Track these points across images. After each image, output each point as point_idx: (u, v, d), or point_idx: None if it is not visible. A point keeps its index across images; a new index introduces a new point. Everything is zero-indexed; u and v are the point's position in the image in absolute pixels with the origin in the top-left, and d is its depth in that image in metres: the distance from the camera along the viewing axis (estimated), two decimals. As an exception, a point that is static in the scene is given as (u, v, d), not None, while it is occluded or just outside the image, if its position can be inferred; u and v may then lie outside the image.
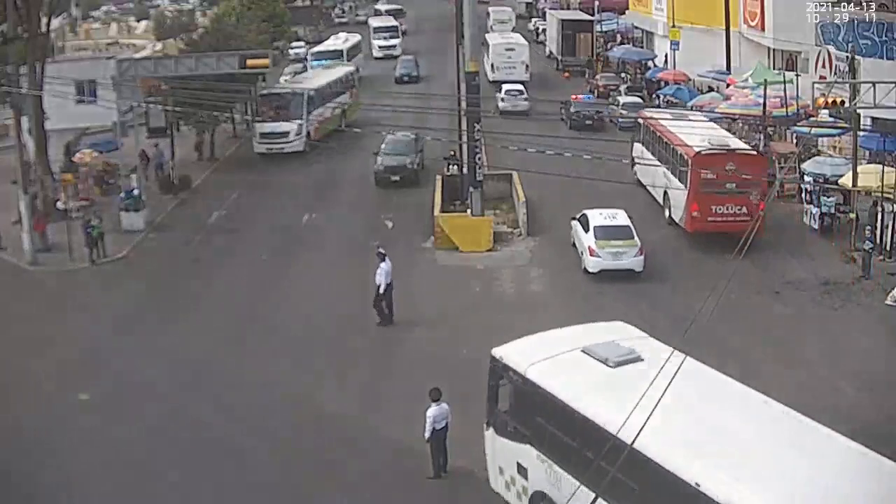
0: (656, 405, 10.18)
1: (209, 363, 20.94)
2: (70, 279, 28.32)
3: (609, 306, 24.28)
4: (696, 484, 11.53)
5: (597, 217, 27.22)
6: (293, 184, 37.25)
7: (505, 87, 48.31)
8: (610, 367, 14.35)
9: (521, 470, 15.10)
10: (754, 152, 31.02)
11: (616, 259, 26.35)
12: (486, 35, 59.35)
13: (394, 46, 69.80)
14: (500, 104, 45.72)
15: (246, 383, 20.43)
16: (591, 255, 26.38)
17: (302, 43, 72.26)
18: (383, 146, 37.13)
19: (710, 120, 34.49)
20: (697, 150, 28.40)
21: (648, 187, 33.35)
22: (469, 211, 30.04)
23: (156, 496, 16.68)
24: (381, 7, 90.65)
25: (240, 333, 23.46)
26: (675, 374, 10.38)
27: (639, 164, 34.20)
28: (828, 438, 12.53)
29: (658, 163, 31.90)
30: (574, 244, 28.15)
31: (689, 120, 32.78)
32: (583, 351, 14.81)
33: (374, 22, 76.39)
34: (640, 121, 35.62)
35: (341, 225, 32.41)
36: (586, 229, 27.01)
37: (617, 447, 11.60)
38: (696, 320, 11.70)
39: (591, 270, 26.44)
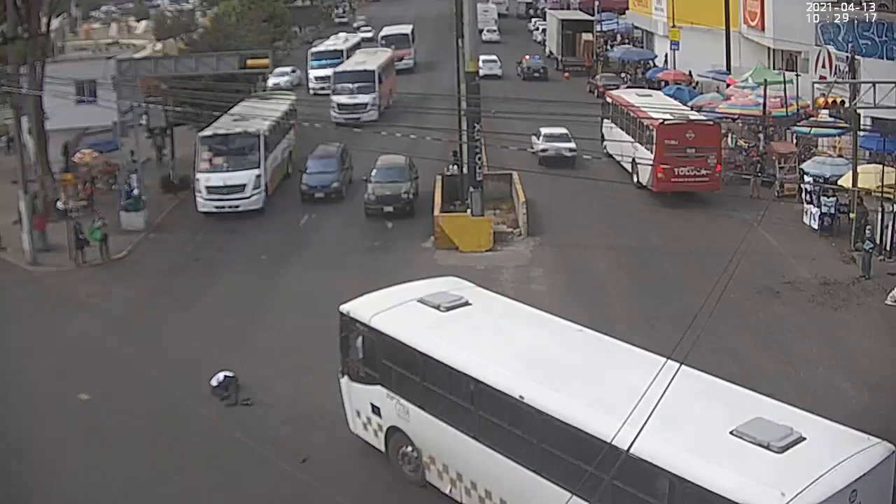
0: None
1: (209, 363, 20.92)
2: (70, 279, 28.32)
3: (611, 306, 24.31)
4: (521, 396, 13.75)
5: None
6: (292, 184, 37.24)
7: (486, 27, 72.20)
8: (442, 311, 16.45)
9: (375, 409, 16.85)
10: (710, 122, 34.32)
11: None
12: None
13: (364, 106, 45.71)
14: (483, 36, 67.63)
15: (246, 383, 20.42)
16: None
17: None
18: (374, 172, 33.04)
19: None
20: (661, 120, 32.12)
21: (617, 157, 36.64)
22: (469, 211, 30.05)
23: (156, 496, 16.66)
24: (386, 31, 66.16)
25: (240, 333, 23.46)
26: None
27: (608, 138, 37.71)
28: (628, 351, 14.95)
29: (626, 135, 35.56)
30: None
31: (651, 97, 38.18)
32: (418, 301, 16.87)
33: (344, 64, 50.72)
34: (609, 99, 40.06)
35: (341, 225, 32.40)
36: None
37: (453, 376, 14.77)
38: (695, 320, 11.72)
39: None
